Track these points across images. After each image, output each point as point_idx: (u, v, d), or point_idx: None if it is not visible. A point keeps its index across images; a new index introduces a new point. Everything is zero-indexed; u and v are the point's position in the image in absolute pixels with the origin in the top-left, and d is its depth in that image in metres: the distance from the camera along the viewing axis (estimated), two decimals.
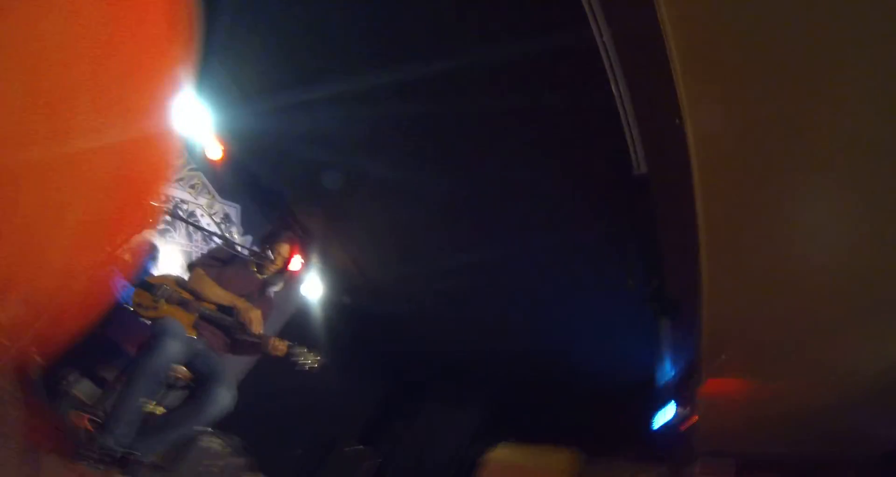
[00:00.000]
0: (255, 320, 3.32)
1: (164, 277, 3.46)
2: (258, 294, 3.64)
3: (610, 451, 4.54)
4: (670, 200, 3.59)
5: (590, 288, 4.51)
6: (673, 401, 4.21)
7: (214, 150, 5.47)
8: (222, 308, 3.36)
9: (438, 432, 5.79)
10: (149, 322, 3.15)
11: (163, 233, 5.39)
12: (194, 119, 5.01)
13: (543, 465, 4.45)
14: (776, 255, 3.47)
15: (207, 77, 4.78)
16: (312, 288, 6.22)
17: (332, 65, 4.35)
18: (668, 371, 4.23)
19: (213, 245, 4.09)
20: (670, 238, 3.80)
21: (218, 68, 4.82)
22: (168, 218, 5.34)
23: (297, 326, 6.16)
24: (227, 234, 5.77)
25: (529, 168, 4.14)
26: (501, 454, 4.86)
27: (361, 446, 5.46)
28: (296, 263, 5.58)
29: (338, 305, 6.46)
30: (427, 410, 6.23)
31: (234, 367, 5.33)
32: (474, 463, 4.94)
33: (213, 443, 4.39)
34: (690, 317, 3.85)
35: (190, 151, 5.48)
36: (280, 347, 3.31)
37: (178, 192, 5.52)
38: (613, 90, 3.26)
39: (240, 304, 3.35)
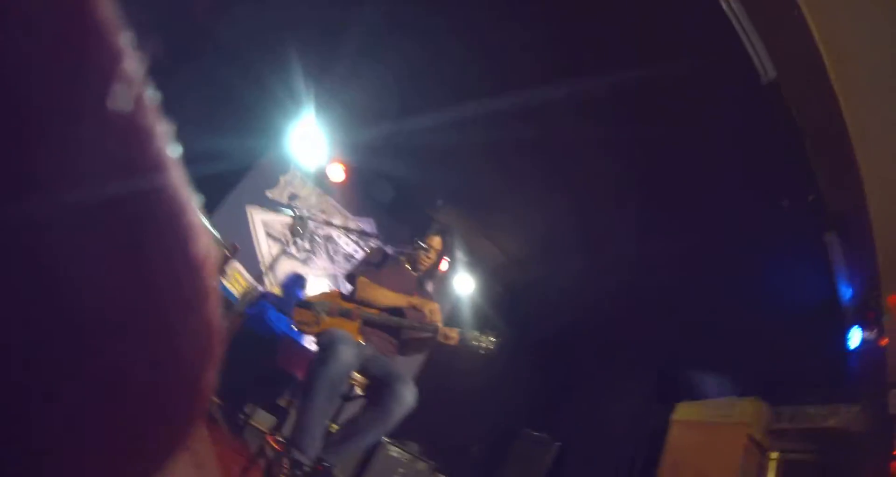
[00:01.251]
0: (435, 311, 3.32)
1: (327, 294, 3.56)
2: (418, 292, 3.62)
3: (796, 395, 4.19)
4: (808, 106, 3.22)
5: (748, 220, 4.14)
6: (857, 326, 3.77)
7: (337, 173, 5.70)
8: (386, 311, 3.36)
9: (612, 406, 5.62)
10: (315, 338, 3.20)
11: (305, 261, 5.64)
12: (315, 146, 5.25)
13: (730, 418, 4.22)
14: None
15: (325, 107, 5.08)
16: (463, 283, 6.24)
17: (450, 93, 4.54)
18: (846, 294, 3.80)
19: (365, 252, 4.14)
20: (817, 146, 3.39)
21: (335, 98, 5.08)
22: (307, 246, 5.59)
23: (456, 320, 6.22)
24: (366, 249, 5.93)
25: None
26: (684, 414, 4.64)
27: (538, 433, 5.38)
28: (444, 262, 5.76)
29: (492, 294, 6.49)
30: (596, 387, 6.09)
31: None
32: (657, 430, 4.76)
33: (393, 450, 4.50)
34: (860, 230, 3.43)
35: (315, 177, 5.74)
36: (452, 334, 3.23)
37: (312, 222, 5.76)
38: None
39: (414, 301, 3.35)
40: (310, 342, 3.46)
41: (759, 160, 3.73)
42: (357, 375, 3.11)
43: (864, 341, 3.74)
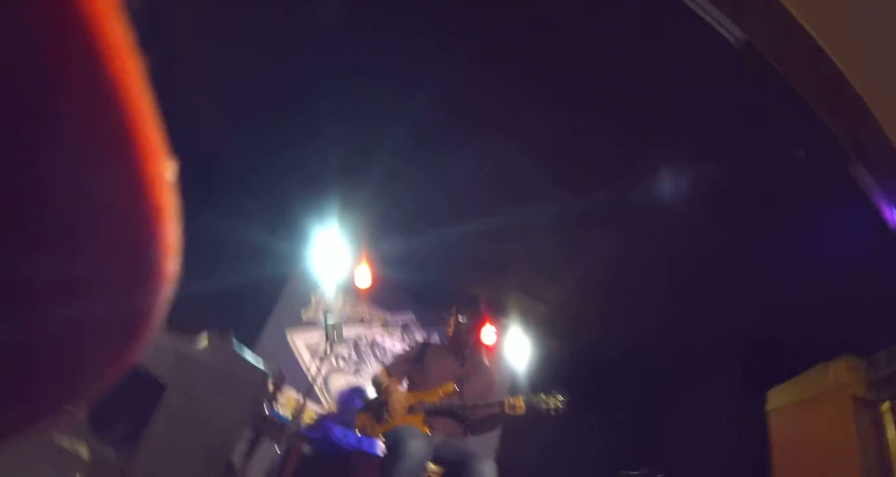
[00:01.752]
0: (493, 385, 3.39)
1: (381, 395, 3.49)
2: (468, 368, 3.54)
3: (880, 340, 3.88)
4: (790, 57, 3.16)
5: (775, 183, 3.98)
6: None
7: (365, 277, 5.70)
8: (446, 397, 3.31)
9: (701, 417, 5.29)
10: (382, 439, 3.14)
11: (357, 371, 5.57)
12: (339, 257, 5.31)
13: (826, 384, 3.90)
14: None
15: (346, 219, 5.23)
16: (518, 347, 6.12)
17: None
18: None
19: (400, 350, 4.12)
20: (814, 92, 3.29)
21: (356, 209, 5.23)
22: (355, 356, 5.55)
23: (520, 387, 6.02)
24: (413, 343, 5.85)
25: None
26: (778, 400, 4.30)
27: (635, 472, 5.02)
28: (489, 334, 5.65)
29: (548, 349, 6.30)
30: (679, 405, 5.76)
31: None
32: (756, 424, 4.42)
33: None
34: (885, 152, 3.25)
35: (345, 287, 5.76)
36: (518, 403, 3.14)
37: (352, 331, 5.77)
38: None
39: (453, 384, 3.32)
40: (381, 449, 3.35)
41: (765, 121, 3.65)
42: (432, 466, 3.01)
43: None
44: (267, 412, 3.26)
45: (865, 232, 3.83)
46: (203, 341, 2.31)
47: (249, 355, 2.52)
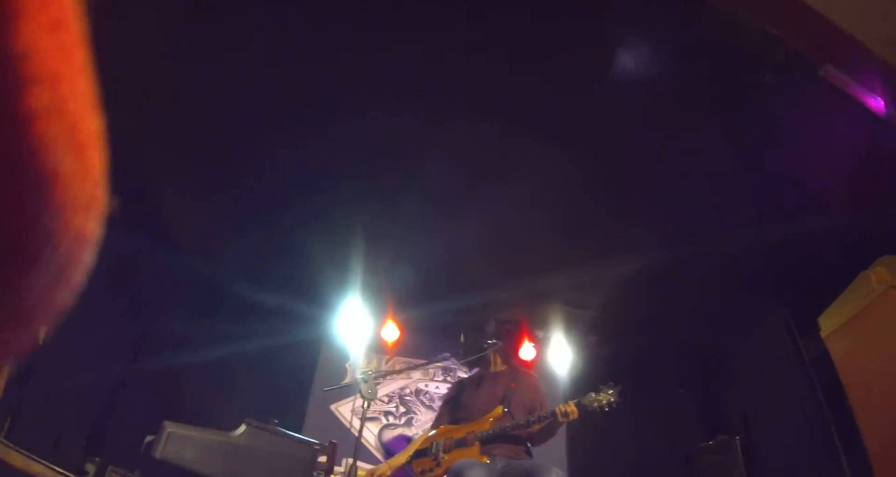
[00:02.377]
0: (538, 397, 3.44)
1: (435, 434, 3.53)
2: (511, 386, 3.54)
3: None
4: None
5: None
6: None
7: (392, 333, 5.74)
8: (497, 421, 3.33)
9: (763, 368, 5.16)
10: None
11: (408, 423, 5.57)
12: (362, 321, 5.40)
13: (873, 292, 3.76)
14: None
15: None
16: (561, 356, 6.13)
17: None
18: (879, 106, 3.52)
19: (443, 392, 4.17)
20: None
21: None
22: (403, 409, 5.56)
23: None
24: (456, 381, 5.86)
25: None
26: (831, 324, 4.17)
27: (711, 441, 4.94)
28: (528, 351, 5.66)
29: (592, 348, 6.27)
30: (740, 363, 5.62)
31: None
32: (818, 357, 4.37)
33: None
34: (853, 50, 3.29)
35: (375, 347, 5.83)
36: (569, 408, 3.15)
37: (394, 385, 5.80)
38: None
39: (501, 407, 3.36)
40: None
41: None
42: None
43: None
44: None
45: (860, 131, 3.82)
46: (242, 429, 2.38)
47: (292, 434, 2.57)
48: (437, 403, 5.64)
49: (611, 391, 3.18)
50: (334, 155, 4.23)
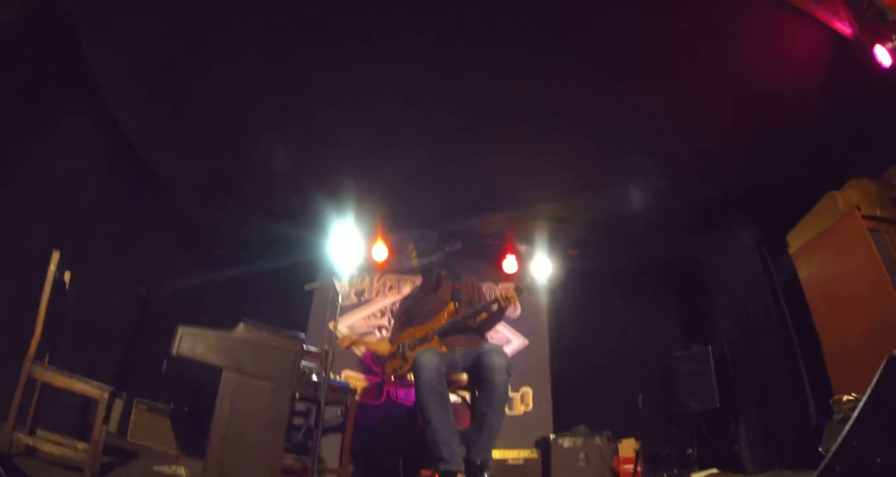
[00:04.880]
0: (473, 293, 3.71)
1: (401, 337, 3.83)
2: (456, 287, 3.86)
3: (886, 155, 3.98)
4: None
5: None
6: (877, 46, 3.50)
7: (381, 252, 6.01)
8: (451, 317, 3.62)
9: (736, 283, 5.38)
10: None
11: None
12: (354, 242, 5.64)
13: (838, 211, 3.95)
14: None
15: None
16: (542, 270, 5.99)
17: None
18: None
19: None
20: None
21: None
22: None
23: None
24: None
25: None
26: (798, 240, 4.41)
27: (686, 350, 5.24)
28: (510, 264, 6.11)
29: (572, 261, 6.52)
30: (713, 279, 5.85)
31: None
32: (787, 272, 4.60)
33: (565, 442, 4.55)
34: None
35: (367, 266, 6.17)
36: (508, 293, 3.43)
37: (385, 302, 6.15)
38: None
39: (452, 304, 3.67)
40: None
41: None
42: (460, 376, 3.32)
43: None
44: (315, 378, 3.59)
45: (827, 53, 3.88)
46: (241, 327, 2.69)
47: (283, 330, 2.87)
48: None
49: (530, 284, 3.47)
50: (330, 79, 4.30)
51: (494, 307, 3.54)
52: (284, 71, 4.17)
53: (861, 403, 1.27)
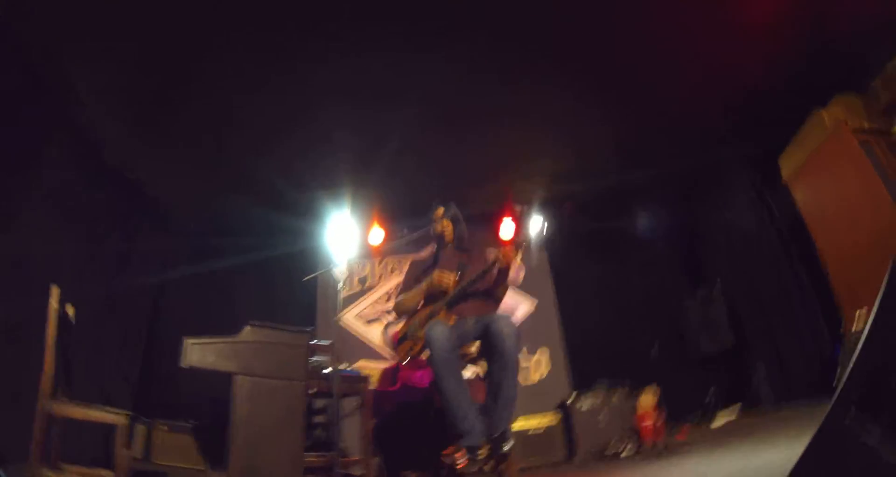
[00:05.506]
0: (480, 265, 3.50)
1: (409, 320, 3.72)
2: (463, 258, 3.72)
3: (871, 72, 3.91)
4: None
5: None
6: None
7: (377, 236, 5.98)
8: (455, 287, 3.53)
9: (736, 221, 5.36)
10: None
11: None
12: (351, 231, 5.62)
13: (827, 132, 3.91)
14: None
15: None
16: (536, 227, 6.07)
17: None
18: None
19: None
20: None
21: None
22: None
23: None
24: None
25: None
26: (790, 164, 4.37)
27: (697, 295, 5.26)
28: (507, 229, 5.85)
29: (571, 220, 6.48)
30: (713, 219, 5.88)
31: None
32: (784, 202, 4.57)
33: (584, 405, 4.56)
34: None
35: (366, 253, 6.15)
36: (505, 251, 3.30)
37: (390, 285, 6.15)
38: None
39: (438, 272, 3.54)
40: None
41: None
42: (471, 348, 3.30)
43: None
44: (328, 369, 3.58)
45: None
46: (247, 330, 2.68)
47: (288, 327, 2.85)
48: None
49: (523, 244, 3.38)
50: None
51: (495, 269, 3.41)
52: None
53: (872, 314, 1.24)
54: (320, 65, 4.29)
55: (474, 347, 3.33)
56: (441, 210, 3.85)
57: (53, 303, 3.04)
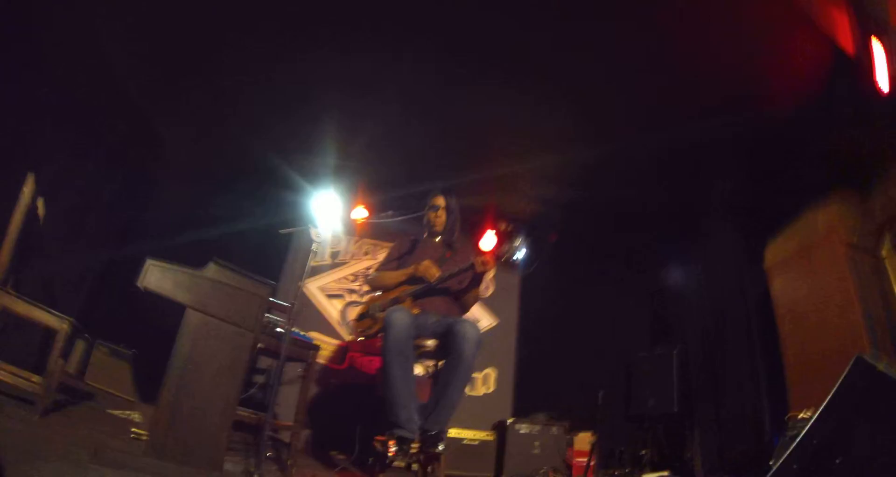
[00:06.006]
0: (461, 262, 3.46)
1: (374, 298, 3.72)
2: (447, 255, 3.71)
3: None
4: None
5: None
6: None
7: (361, 213, 5.93)
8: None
9: (711, 289, 5.43)
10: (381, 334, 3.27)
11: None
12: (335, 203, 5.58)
13: (818, 235, 3.96)
14: None
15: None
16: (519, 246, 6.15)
17: None
18: None
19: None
20: None
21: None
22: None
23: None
24: None
25: None
26: (775, 254, 4.43)
27: (656, 351, 5.28)
28: (488, 240, 5.87)
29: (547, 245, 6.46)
30: (684, 283, 5.94)
31: None
32: (761, 285, 4.60)
33: (522, 428, 4.56)
34: None
35: (346, 229, 6.14)
36: (486, 258, 3.29)
37: (359, 267, 6.12)
38: None
39: (428, 262, 3.48)
40: None
41: None
42: (427, 341, 3.26)
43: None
44: (279, 330, 3.53)
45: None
46: (211, 266, 2.62)
47: (252, 274, 2.79)
48: None
49: (518, 243, 3.30)
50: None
51: (470, 272, 3.40)
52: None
53: (825, 402, 1.26)
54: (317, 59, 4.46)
55: (430, 342, 3.30)
56: (441, 198, 3.83)
57: (26, 191, 2.98)
